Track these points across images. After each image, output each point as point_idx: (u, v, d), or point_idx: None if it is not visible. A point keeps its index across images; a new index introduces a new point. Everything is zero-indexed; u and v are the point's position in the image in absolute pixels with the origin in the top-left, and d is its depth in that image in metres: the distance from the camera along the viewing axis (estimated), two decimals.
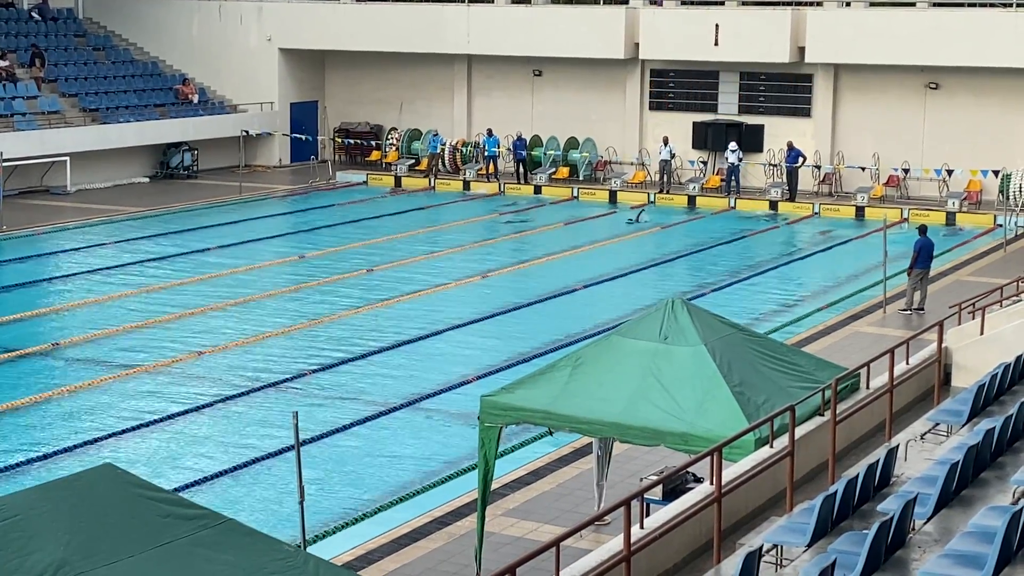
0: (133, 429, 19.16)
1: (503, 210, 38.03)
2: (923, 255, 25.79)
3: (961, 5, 40.28)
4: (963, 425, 14.01)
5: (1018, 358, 15.72)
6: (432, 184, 42.69)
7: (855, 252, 32.88)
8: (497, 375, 21.21)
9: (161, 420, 19.58)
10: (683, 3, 43.55)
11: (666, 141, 40.60)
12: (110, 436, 18.83)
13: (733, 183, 39.84)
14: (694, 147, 41.77)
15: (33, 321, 25.58)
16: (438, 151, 43.74)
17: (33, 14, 46.56)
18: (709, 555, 11.18)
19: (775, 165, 40.36)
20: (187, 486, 16.71)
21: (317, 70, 47.74)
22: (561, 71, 43.62)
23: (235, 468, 17.64)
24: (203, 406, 20.25)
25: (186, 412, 19.96)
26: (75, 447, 18.33)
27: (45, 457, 17.94)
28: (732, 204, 39.19)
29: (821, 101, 40.54)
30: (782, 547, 10.78)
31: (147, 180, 43.10)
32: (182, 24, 47.72)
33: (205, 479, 17.23)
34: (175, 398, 20.71)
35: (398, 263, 30.89)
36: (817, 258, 32.63)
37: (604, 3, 44.25)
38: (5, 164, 36.28)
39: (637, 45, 41.57)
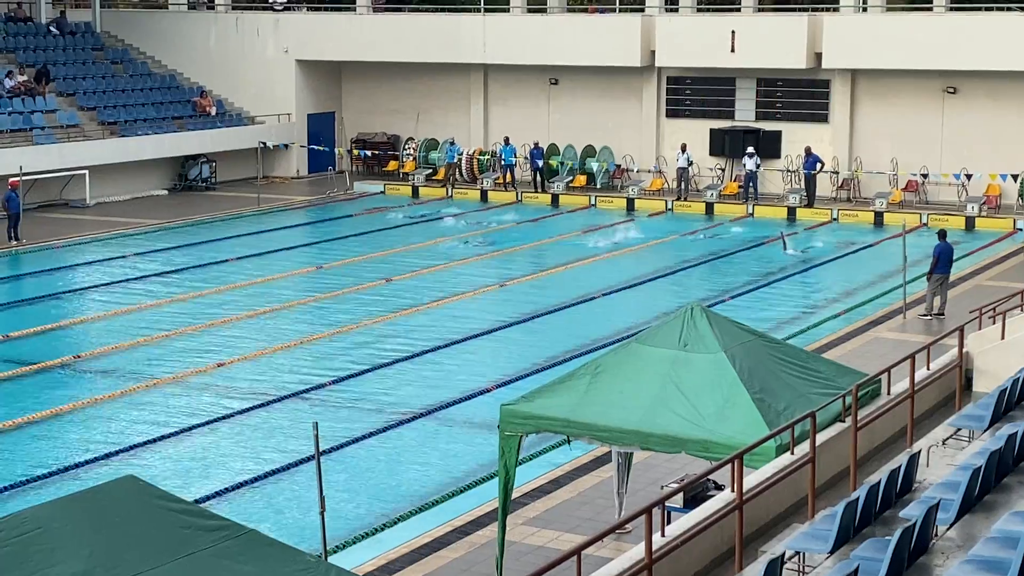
0: (154, 441, 19.21)
1: (470, 230, 36.84)
2: (942, 260, 25.68)
3: (978, 9, 40.20)
4: (985, 430, 13.96)
5: None
6: (449, 193, 42.76)
7: (874, 258, 32.77)
8: (517, 384, 21.20)
9: (182, 432, 19.62)
10: (699, 10, 43.56)
11: (684, 148, 40.57)
12: (131, 448, 18.88)
13: (751, 190, 39.78)
14: (711, 154, 41.74)
15: (54, 334, 25.67)
16: (455, 160, 43.81)
17: (51, 28, 46.79)
18: (731, 563, 11.16)
19: (793, 171, 40.30)
20: (209, 497, 16.74)
21: (334, 81, 47.86)
22: (578, 79, 43.63)
23: (256, 479, 17.67)
24: (223, 417, 20.29)
25: (207, 423, 20.00)
26: (97, 459, 18.38)
27: (67, 469, 18.00)
28: (750, 211, 39.12)
29: (839, 106, 40.47)
30: (804, 554, 10.76)
31: (166, 192, 43.25)
32: (199, 37, 47.91)
33: (226, 490, 17.25)
34: (195, 409, 20.76)
35: (416, 273, 30.91)
36: (836, 264, 32.53)
37: (620, 11, 44.26)
38: (25, 178, 36.44)
39: (653, 52, 41.54)
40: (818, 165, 38.99)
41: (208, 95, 46.16)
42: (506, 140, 42.89)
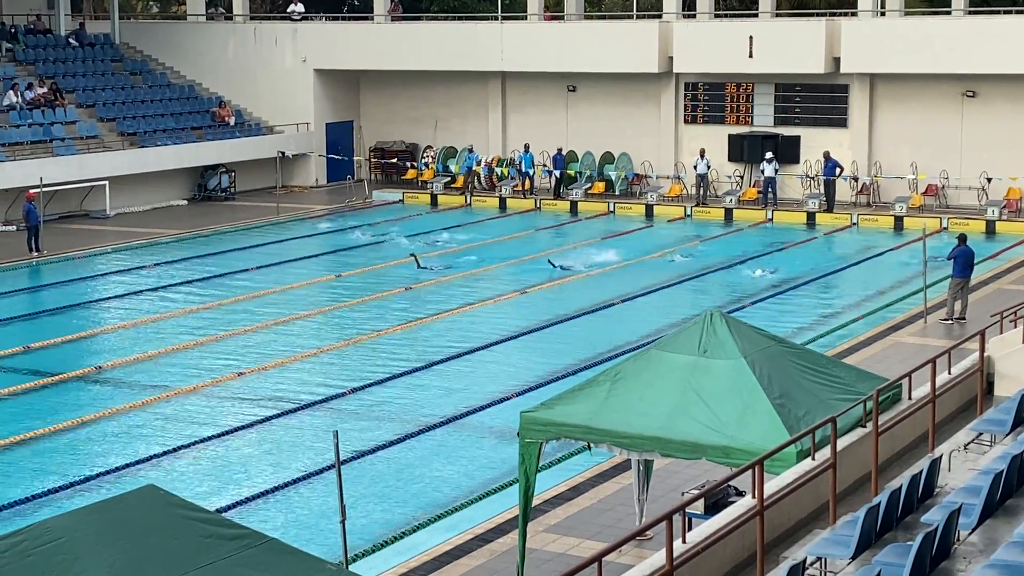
0: (175, 450, 19.25)
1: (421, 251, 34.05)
2: (963, 264, 25.51)
3: (997, 12, 40.08)
4: (1007, 434, 13.90)
5: None
6: (468, 201, 42.78)
7: (895, 262, 32.69)
8: (537, 391, 21.20)
9: (203, 441, 19.67)
10: (717, 16, 43.52)
11: (703, 154, 40.54)
12: (153, 458, 18.94)
13: (770, 195, 39.72)
14: (730, 159, 41.69)
15: (75, 345, 25.76)
16: (474, 168, 43.84)
17: (70, 40, 47.01)
18: (752, 569, 11.13)
19: (812, 176, 40.22)
20: (230, 506, 16.77)
21: (352, 90, 47.96)
22: (595, 86, 43.63)
23: (277, 488, 17.69)
24: (244, 426, 20.33)
25: (227, 432, 20.04)
26: (118, 469, 18.44)
27: (89, 479, 18.05)
28: (769, 216, 39.06)
29: (857, 111, 40.38)
30: (826, 560, 10.72)
31: (185, 203, 43.40)
32: (218, 47, 48.07)
33: (247, 499, 17.28)
34: (216, 419, 20.80)
35: (435, 281, 30.93)
36: (857, 269, 32.46)
37: (637, 17, 44.24)
38: (45, 189, 36.61)
39: (671, 59, 41.52)
40: (837, 170, 38.90)
41: (227, 105, 46.30)
42: (526, 147, 42.91)
